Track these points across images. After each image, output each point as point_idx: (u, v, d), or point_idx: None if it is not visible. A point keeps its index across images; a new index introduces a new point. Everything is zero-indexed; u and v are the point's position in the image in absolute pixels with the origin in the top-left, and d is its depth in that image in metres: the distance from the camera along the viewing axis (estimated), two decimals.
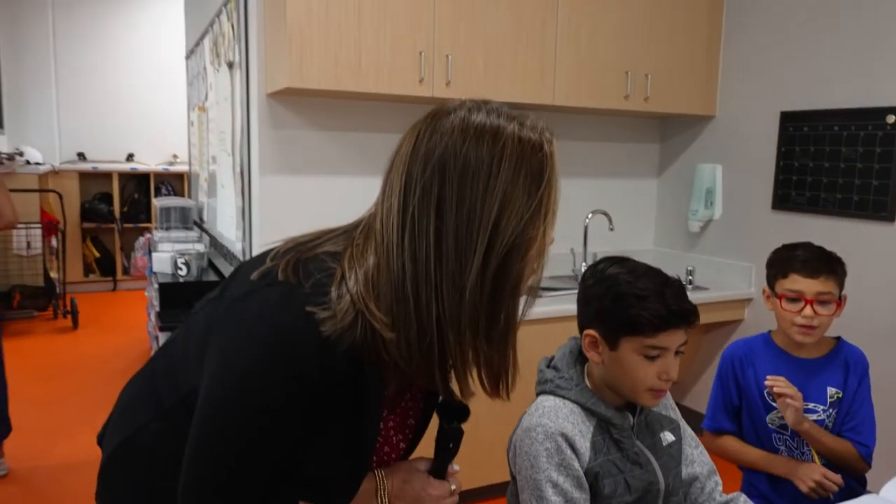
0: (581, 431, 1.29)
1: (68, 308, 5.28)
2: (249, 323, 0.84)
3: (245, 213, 3.00)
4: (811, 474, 1.68)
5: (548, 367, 1.40)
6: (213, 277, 3.30)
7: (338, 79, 2.52)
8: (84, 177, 6.28)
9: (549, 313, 2.60)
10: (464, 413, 1.03)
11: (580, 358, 1.38)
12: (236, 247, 3.20)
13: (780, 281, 1.77)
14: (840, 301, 1.73)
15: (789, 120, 3.02)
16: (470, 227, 0.84)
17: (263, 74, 2.74)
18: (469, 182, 0.84)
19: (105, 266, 6.51)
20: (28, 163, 5.61)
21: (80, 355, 4.63)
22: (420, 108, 3.07)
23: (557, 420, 1.28)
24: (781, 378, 1.68)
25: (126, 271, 6.37)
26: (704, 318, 3.24)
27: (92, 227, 6.35)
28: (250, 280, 0.88)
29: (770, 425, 1.80)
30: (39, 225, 5.32)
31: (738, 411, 1.86)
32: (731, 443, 1.85)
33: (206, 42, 3.93)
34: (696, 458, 1.43)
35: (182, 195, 6.36)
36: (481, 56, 2.75)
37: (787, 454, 1.78)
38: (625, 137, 3.60)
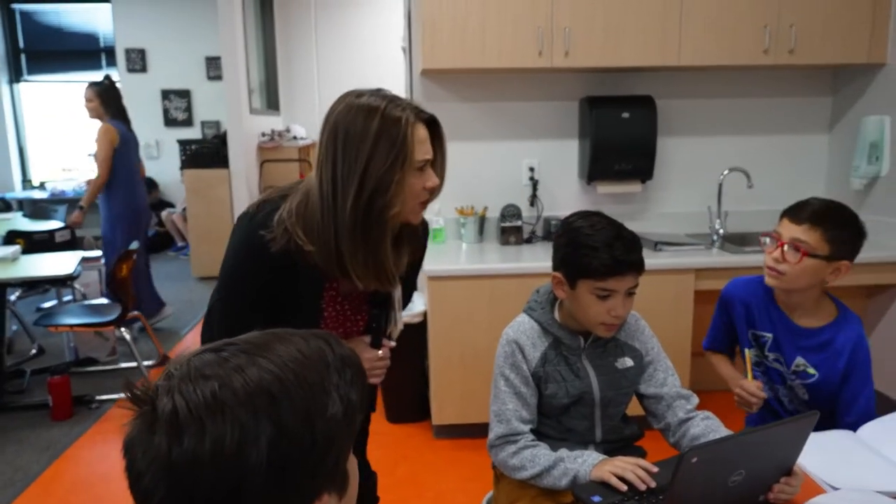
0: (534, 343, 1.62)
1: None
2: (233, 235, 1.39)
3: None
4: (735, 386, 1.80)
5: (536, 292, 1.74)
6: None
7: (465, 58, 2.96)
8: None
9: (674, 265, 2.87)
10: (386, 301, 1.48)
11: None
12: None
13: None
14: (807, 253, 1.66)
15: None
16: (350, 175, 1.25)
17: (416, 58, 3.29)
18: (348, 145, 1.24)
19: None
20: (294, 138, 6.94)
21: None
22: (542, 76, 3.34)
23: (518, 332, 1.63)
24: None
25: None
26: (863, 279, 3.06)
27: None
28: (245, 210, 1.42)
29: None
30: None
31: (732, 339, 1.97)
32: (715, 359, 2.03)
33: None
34: (667, 382, 1.65)
35: None
36: (600, 25, 2.96)
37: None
38: (791, 91, 3.46)
